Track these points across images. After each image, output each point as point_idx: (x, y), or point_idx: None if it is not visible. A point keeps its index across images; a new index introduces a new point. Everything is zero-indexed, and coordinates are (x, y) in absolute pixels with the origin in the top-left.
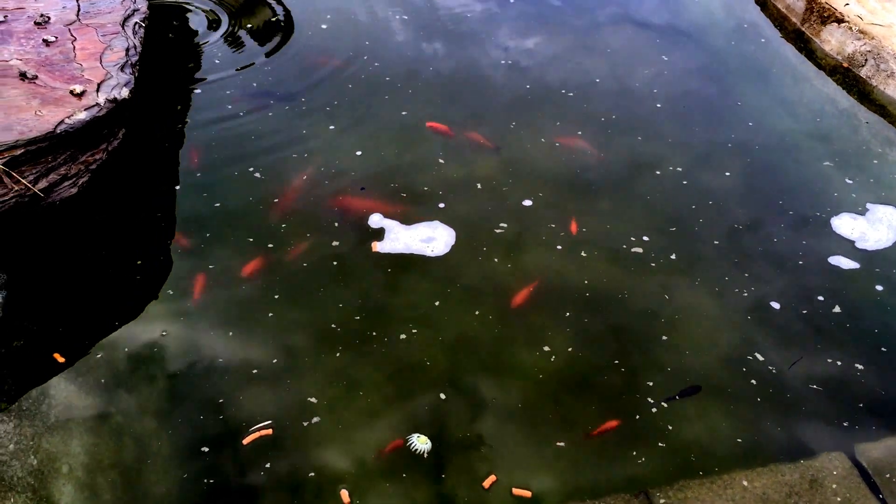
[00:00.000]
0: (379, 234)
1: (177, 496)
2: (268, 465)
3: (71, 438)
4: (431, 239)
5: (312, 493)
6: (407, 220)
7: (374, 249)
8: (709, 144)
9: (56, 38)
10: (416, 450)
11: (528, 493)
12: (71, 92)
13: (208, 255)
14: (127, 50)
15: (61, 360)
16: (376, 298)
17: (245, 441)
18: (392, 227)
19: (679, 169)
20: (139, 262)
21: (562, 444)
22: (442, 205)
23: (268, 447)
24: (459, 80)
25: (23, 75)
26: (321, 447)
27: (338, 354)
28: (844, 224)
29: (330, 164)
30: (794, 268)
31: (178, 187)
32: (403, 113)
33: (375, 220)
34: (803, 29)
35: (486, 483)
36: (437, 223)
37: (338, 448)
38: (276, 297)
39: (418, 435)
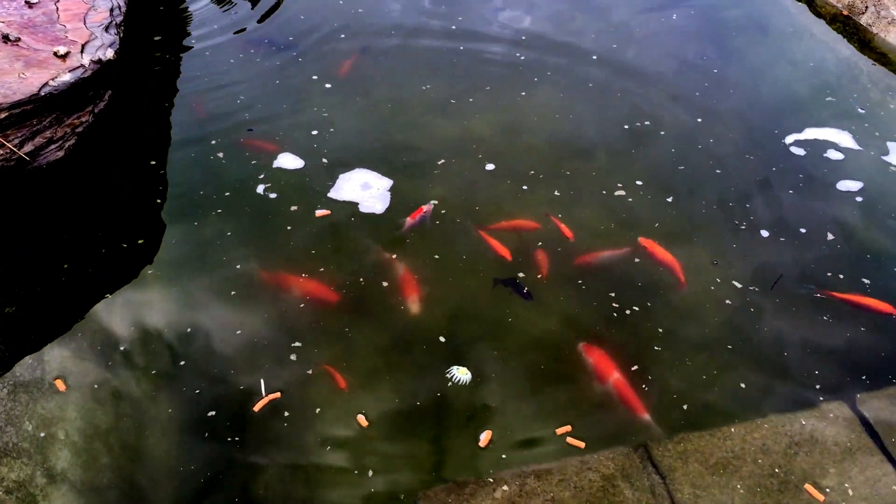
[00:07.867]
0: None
1: (176, 457)
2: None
3: (67, 404)
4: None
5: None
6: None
7: (317, 216)
8: (710, 98)
9: None
10: (458, 380)
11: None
12: (55, 54)
13: (195, 224)
14: (111, 10)
15: (63, 388)
16: None
17: (256, 408)
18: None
19: (683, 121)
20: (134, 230)
21: (559, 399)
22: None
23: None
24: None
25: (5, 38)
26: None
27: None
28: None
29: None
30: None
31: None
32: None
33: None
34: None
35: (483, 442)
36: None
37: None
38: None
39: (458, 367)
